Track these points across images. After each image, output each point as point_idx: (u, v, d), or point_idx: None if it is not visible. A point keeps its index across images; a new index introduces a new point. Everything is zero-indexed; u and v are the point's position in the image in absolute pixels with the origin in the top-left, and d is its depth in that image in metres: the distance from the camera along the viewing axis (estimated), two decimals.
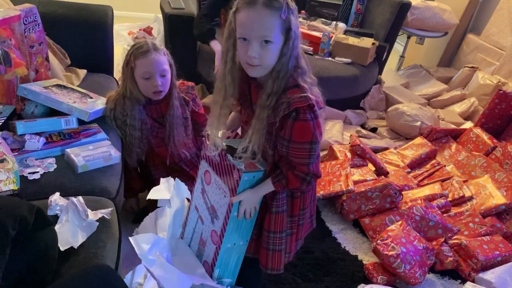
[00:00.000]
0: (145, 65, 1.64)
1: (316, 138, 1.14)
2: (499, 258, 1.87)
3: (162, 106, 1.79)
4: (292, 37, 1.09)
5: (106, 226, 1.29)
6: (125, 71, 1.69)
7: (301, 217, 1.35)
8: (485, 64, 3.52)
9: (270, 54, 1.09)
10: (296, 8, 1.11)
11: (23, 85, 1.66)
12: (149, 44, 1.66)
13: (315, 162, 1.19)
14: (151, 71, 1.65)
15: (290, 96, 1.11)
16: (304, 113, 1.10)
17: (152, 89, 1.68)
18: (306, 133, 1.13)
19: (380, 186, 2.04)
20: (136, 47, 1.66)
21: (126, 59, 1.68)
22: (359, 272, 1.81)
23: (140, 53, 1.64)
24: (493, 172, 2.32)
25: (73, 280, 0.99)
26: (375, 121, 3.01)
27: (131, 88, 1.70)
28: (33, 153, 1.48)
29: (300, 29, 1.16)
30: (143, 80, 1.67)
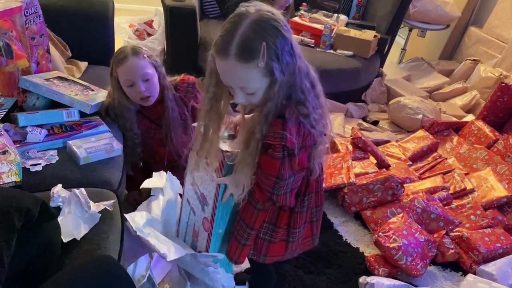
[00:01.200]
0: (125, 72, 1.59)
1: (282, 176, 1.07)
2: (501, 250, 1.87)
3: (158, 108, 1.75)
4: (277, 80, 0.99)
5: (109, 218, 1.30)
6: (111, 82, 1.66)
7: (289, 233, 1.29)
8: (487, 57, 3.50)
9: (256, 97, 1.04)
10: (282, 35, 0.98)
11: (25, 77, 1.65)
12: (127, 49, 1.60)
13: (284, 195, 1.13)
14: (131, 78, 1.59)
15: (270, 129, 1.04)
16: (274, 150, 1.05)
17: (138, 95, 1.63)
18: (271, 168, 1.08)
19: (382, 178, 2.04)
20: (116, 53, 1.62)
21: (110, 70, 1.64)
22: (360, 264, 1.82)
23: (119, 60, 1.59)
24: (495, 164, 2.32)
25: (76, 270, 1.00)
26: (377, 114, 3.01)
27: (119, 99, 1.67)
28: (35, 145, 1.48)
29: (302, 22, 1.11)
30: (127, 88, 1.62)
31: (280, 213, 1.27)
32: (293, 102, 1.05)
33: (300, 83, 1.04)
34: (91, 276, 0.98)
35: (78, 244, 1.20)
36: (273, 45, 0.96)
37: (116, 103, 1.68)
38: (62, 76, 1.82)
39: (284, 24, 0.99)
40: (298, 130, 1.06)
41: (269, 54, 0.96)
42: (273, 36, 0.96)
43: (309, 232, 1.38)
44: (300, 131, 1.06)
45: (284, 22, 0.99)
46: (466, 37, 3.79)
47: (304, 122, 1.06)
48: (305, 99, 1.05)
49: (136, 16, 3.10)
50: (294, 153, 1.06)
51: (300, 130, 1.06)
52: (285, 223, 1.28)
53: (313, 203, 1.33)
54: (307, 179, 1.24)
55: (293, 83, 1.03)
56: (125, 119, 1.72)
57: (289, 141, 1.03)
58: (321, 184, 1.32)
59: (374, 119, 2.93)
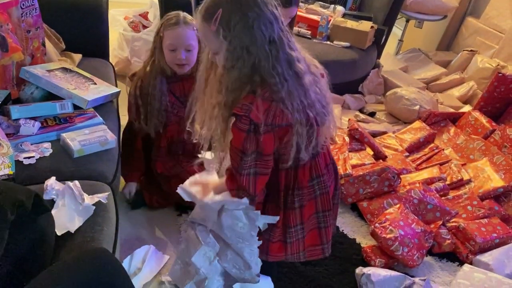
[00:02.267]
0: (171, 37, 1.65)
1: (245, 150, 1.11)
2: (497, 240, 1.88)
3: (185, 84, 1.78)
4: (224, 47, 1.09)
5: (103, 210, 1.29)
6: (155, 40, 1.70)
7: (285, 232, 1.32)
8: (484, 47, 3.49)
9: (219, 58, 1.13)
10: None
11: (26, 67, 1.66)
12: (180, 16, 1.66)
13: (247, 176, 1.15)
14: (176, 43, 1.65)
15: (240, 101, 1.10)
16: (240, 121, 1.09)
17: (176, 61, 1.69)
18: (237, 140, 1.12)
19: (378, 169, 2.03)
20: (167, 17, 1.67)
21: (157, 29, 1.69)
22: (357, 255, 1.82)
23: (169, 25, 1.65)
24: (492, 155, 2.32)
25: (70, 263, 0.99)
26: (374, 105, 3.00)
27: (158, 58, 1.71)
28: (28, 138, 1.47)
29: (299, 13, 1.14)
30: (168, 51, 1.68)
31: (276, 211, 1.29)
32: (265, 81, 1.09)
33: (269, 65, 1.08)
34: (86, 268, 0.98)
35: (72, 236, 1.19)
36: (229, 14, 1.04)
37: (156, 61, 1.71)
38: (67, 68, 1.82)
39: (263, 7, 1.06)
40: (268, 108, 1.09)
41: (221, 21, 1.05)
42: (235, 8, 1.04)
43: (317, 240, 1.38)
44: (271, 109, 1.09)
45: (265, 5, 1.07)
46: (463, 27, 3.78)
47: (276, 101, 1.09)
48: (276, 82, 1.08)
49: (131, 8, 3.07)
50: (259, 130, 1.09)
51: (270, 108, 1.09)
52: (281, 222, 1.31)
53: (319, 207, 1.32)
54: (294, 172, 1.24)
55: (258, 62, 1.08)
56: (155, 87, 1.74)
57: (254, 114, 1.07)
58: (324, 185, 1.31)
59: (371, 111, 2.92)
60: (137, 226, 1.82)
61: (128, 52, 2.79)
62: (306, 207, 1.32)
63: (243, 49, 1.07)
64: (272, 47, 1.08)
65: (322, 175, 1.30)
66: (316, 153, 1.26)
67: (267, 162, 1.17)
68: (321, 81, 1.22)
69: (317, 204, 1.33)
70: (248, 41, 1.06)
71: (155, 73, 1.73)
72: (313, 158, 1.26)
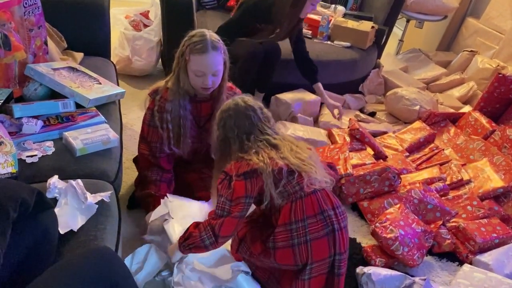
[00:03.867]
0: (199, 63, 1.57)
1: (222, 194, 1.34)
2: (497, 240, 1.88)
3: (203, 106, 1.75)
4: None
5: (106, 209, 1.29)
6: (179, 61, 1.62)
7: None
8: (485, 48, 3.50)
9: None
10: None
11: (31, 65, 1.66)
12: (207, 40, 1.56)
13: (219, 218, 1.33)
14: (204, 70, 1.58)
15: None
16: (223, 177, 1.37)
17: (201, 84, 1.62)
18: (222, 188, 1.36)
19: (379, 169, 2.04)
20: (194, 41, 1.57)
21: (182, 50, 1.60)
22: (357, 254, 1.82)
23: (196, 50, 1.55)
24: (492, 155, 2.32)
25: (73, 261, 0.99)
26: (374, 105, 3.00)
27: (183, 80, 1.63)
28: (30, 137, 1.47)
29: None
30: (194, 75, 1.61)
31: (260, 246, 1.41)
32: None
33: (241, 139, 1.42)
34: (89, 267, 0.98)
35: (75, 235, 1.19)
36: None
37: (181, 83, 1.64)
38: (73, 67, 1.82)
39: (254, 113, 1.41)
40: (239, 163, 1.35)
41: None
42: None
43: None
44: (242, 163, 1.34)
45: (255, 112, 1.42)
46: (464, 28, 3.78)
47: (244, 158, 1.36)
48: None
49: (132, 7, 3.07)
50: (231, 179, 1.34)
51: (242, 163, 1.35)
52: (258, 252, 1.41)
53: (304, 257, 1.33)
54: (274, 211, 1.37)
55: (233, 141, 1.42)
56: (186, 108, 1.69)
57: (228, 168, 1.37)
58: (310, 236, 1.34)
59: (371, 111, 2.92)
60: (138, 225, 1.82)
61: (129, 51, 2.79)
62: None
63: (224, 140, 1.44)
64: (244, 134, 1.40)
65: (304, 219, 1.35)
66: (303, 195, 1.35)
67: (237, 205, 1.33)
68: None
69: (306, 255, 1.35)
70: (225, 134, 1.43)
71: (183, 94, 1.67)
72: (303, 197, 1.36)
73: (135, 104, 2.57)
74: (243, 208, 1.32)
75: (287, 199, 1.34)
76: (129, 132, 2.36)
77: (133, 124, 2.42)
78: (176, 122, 1.69)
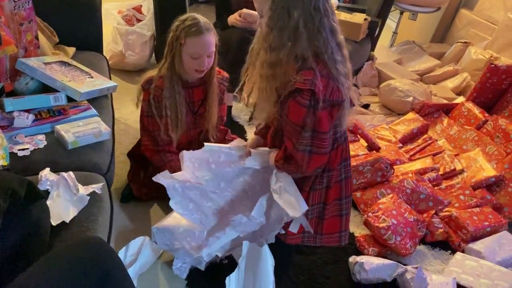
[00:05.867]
0: (196, 45, 1.60)
1: (305, 125, 1.15)
2: (489, 228, 1.90)
3: (195, 91, 1.77)
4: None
5: (98, 201, 1.30)
6: (173, 47, 1.63)
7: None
8: (478, 39, 3.50)
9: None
10: None
11: (22, 59, 1.66)
12: (201, 24, 1.59)
13: (302, 152, 1.19)
14: (200, 52, 1.61)
15: (300, 76, 1.13)
16: (302, 96, 1.12)
17: (197, 67, 1.65)
18: (297, 115, 1.15)
19: (371, 160, 2.05)
20: (188, 24, 1.59)
21: (175, 35, 1.61)
22: (350, 244, 1.84)
23: (191, 32, 1.58)
24: (484, 145, 2.34)
25: (65, 251, 1.00)
26: (368, 97, 3.01)
27: (178, 64, 1.65)
28: (22, 130, 1.48)
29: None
30: (190, 58, 1.63)
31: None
32: (322, 58, 1.14)
33: (313, 29, 1.12)
34: (81, 256, 0.99)
35: (68, 226, 1.20)
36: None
37: (176, 67, 1.66)
38: (65, 61, 1.82)
39: None
40: (327, 84, 1.14)
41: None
42: None
43: (337, 227, 1.42)
44: (329, 85, 1.14)
45: None
46: (457, 19, 3.79)
47: (334, 77, 1.14)
48: (320, 45, 1.13)
49: (125, 1, 3.05)
50: (317, 107, 1.13)
51: (329, 84, 1.14)
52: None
53: (343, 192, 1.36)
54: (329, 153, 1.27)
55: (303, 25, 1.11)
56: (180, 94, 1.71)
57: (318, 88, 1.11)
58: (349, 169, 1.36)
59: (365, 103, 2.93)
60: (132, 218, 1.83)
61: (122, 46, 2.79)
62: (332, 189, 1.36)
63: (284, 9, 1.11)
64: (316, 13, 1.12)
65: (348, 158, 1.36)
66: (346, 136, 1.32)
67: (323, 140, 1.20)
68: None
69: (341, 188, 1.37)
70: (290, 3, 1.11)
71: (177, 80, 1.69)
72: (344, 141, 1.32)
73: (128, 99, 2.56)
74: (327, 142, 1.22)
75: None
76: (122, 126, 2.36)
77: (127, 119, 2.43)
78: (173, 108, 1.71)
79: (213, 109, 1.81)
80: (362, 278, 1.64)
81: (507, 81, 2.58)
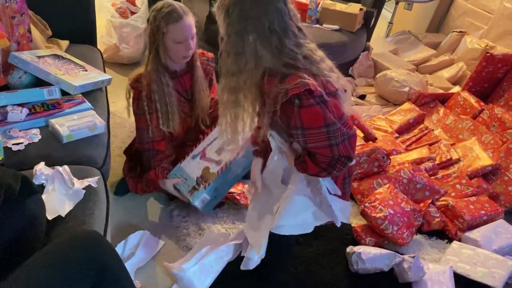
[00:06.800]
0: (179, 30, 1.58)
1: (330, 120, 1.09)
2: (485, 217, 1.91)
3: (185, 79, 1.76)
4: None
5: (93, 194, 1.30)
6: (156, 38, 1.61)
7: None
8: (474, 28, 3.50)
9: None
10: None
11: (15, 53, 1.65)
12: (179, 8, 1.58)
13: (342, 143, 1.12)
14: (185, 35, 1.60)
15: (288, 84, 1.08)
16: (303, 99, 1.07)
17: (183, 53, 1.64)
18: (316, 118, 1.09)
19: (368, 150, 2.05)
20: (166, 11, 1.57)
21: (155, 25, 1.58)
22: (348, 235, 1.84)
23: (172, 19, 1.57)
24: (480, 134, 2.34)
25: (61, 244, 1.00)
26: (364, 88, 3.00)
27: (163, 54, 1.64)
28: (16, 124, 1.47)
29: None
30: (175, 44, 1.61)
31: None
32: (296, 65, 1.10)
33: (288, 56, 1.10)
34: (77, 250, 0.99)
35: (63, 220, 1.20)
36: (231, 2, 1.07)
37: (162, 59, 1.65)
38: (59, 54, 1.81)
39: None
40: (315, 79, 1.10)
41: (225, 7, 1.09)
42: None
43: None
44: (318, 80, 1.11)
45: None
46: (453, 9, 3.77)
47: (318, 74, 1.11)
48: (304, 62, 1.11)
49: None
50: (324, 99, 1.08)
51: (317, 80, 1.10)
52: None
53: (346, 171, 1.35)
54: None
55: (261, 49, 1.08)
56: (169, 85, 1.69)
57: (311, 84, 1.06)
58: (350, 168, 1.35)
59: (361, 93, 2.93)
60: (129, 212, 1.83)
61: (117, 38, 2.77)
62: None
63: (238, 35, 1.08)
64: (273, 35, 1.08)
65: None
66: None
67: (347, 122, 1.16)
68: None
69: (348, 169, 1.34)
70: (243, 28, 1.07)
71: (163, 71, 1.67)
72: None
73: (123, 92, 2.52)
74: (350, 121, 1.18)
75: None
76: (118, 120, 2.35)
77: (122, 112, 2.41)
78: (163, 101, 1.69)
79: (202, 93, 1.79)
80: (359, 268, 1.64)
81: (503, 70, 2.58)
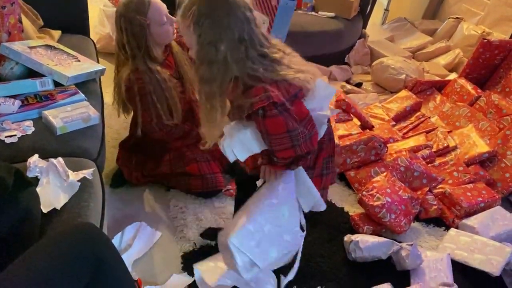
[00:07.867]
0: (158, 11, 1.58)
1: (292, 128, 1.15)
2: (482, 204, 1.91)
3: (170, 60, 1.75)
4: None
5: (89, 187, 1.28)
6: (140, 35, 1.58)
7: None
8: (470, 14, 3.48)
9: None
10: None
11: (6, 43, 1.61)
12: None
13: (304, 143, 1.19)
14: (165, 11, 1.60)
15: (253, 97, 1.12)
16: (268, 110, 1.11)
17: (172, 29, 1.63)
18: (279, 126, 1.14)
19: (365, 139, 2.04)
20: (137, 2, 1.55)
21: (136, 24, 1.55)
22: (345, 223, 1.84)
23: (147, 4, 1.56)
24: (477, 121, 2.34)
25: (57, 237, 0.98)
26: (360, 75, 2.99)
27: (153, 46, 1.62)
28: (9, 116, 1.44)
29: None
30: (161, 27, 1.60)
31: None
32: (258, 75, 1.14)
33: (242, 60, 1.13)
34: (73, 242, 0.97)
35: (59, 213, 1.18)
36: (200, 12, 1.10)
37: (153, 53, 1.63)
38: (51, 45, 1.78)
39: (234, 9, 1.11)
40: (277, 86, 1.14)
41: (193, 17, 1.11)
42: (207, 7, 1.10)
43: (317, 186, 1.40)
44: (280, 86, 1.15)
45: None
46: None
47: (279, 80, 1.15)
48: (266, 71, 1.15)
49: None
50: (286, 107, 1.14)
51: (279, 86, 1.15)
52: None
53: (325, 152, 1.37)
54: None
55: (231, 56, 1.12)
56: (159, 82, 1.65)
57: (274, 95, 1.11)
58: (331, 165, 1.40)
59: (358, 81, 2.91)
60: (124, 203, 1.82)
61: (110, 28, 2.73)
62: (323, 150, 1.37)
63: (211, 44, 1.12)
64: (241, 44, 1.13)
65: (332, 155, 1.41)
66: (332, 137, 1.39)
67: (309, 121, 1.22)
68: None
69: (328, 150, 1.39)
70: (216, 37, 1.11)
71: (154, 66, 1.64)
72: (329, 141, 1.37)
73: None
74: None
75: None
76: (112, 110, 2.32)
77: None
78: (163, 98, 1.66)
79: (185, 67, 1.78)
80: (357, 257, 1.64)
81: (500, 56, 2.57)
